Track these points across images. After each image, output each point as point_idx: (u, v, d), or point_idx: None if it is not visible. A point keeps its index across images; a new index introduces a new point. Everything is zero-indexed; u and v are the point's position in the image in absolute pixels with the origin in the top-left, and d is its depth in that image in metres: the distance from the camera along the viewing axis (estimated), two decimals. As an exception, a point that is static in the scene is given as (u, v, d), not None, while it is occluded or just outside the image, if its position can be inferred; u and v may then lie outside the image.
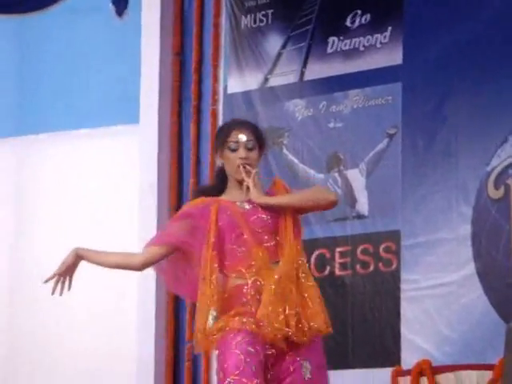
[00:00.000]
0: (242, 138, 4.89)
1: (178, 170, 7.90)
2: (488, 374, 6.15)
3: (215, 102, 7.54)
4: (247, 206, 4.88)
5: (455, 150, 6.64)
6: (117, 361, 8.25)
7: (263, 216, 4.89)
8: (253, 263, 4.72)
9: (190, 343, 7.63)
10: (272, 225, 4.91)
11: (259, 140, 4.93)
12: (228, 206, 4.79)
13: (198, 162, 7.77)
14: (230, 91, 7.55)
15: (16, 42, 9.09)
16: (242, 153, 4.81)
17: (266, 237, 4.81)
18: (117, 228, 8.07)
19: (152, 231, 7.30)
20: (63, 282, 4.91)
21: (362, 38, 7.10)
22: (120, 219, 8.11)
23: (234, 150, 4.81)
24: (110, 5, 7.41)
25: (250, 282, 4.72)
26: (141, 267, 4.90)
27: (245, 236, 4.79)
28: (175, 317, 7.86)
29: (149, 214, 7.80)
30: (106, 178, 7.84)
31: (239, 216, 4.84)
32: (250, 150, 4.88)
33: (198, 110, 7.59)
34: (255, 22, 7.57)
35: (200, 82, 7.64)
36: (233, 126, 4.92)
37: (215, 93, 7.56)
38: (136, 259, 4.93)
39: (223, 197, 4.84)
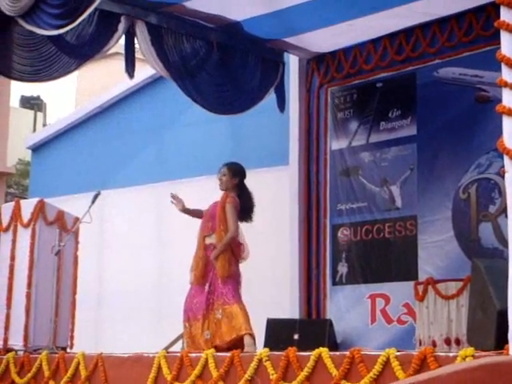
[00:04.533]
0: (219, 172, 6.18)
1: (308, 192, 8.11)
2: (460, 284, 6.45)
3: (326, 154, 8.09)
4: None
5: (444, 174, 7.26)
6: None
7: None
8: None
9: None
10: None
11: (230, 170, 6.14)
12: None
13: (318, 187, 8.14)
14: (333, 148, 8.12)
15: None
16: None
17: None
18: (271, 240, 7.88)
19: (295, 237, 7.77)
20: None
21: (396, 122, 7.69)
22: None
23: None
24: (277, 107, 7.87)
25: None
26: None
27: None
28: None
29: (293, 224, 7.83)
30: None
31: None
32: (222, 177, 6.13)
33: (318, 159, 8.13)
34: (344, 115, 8.12)
35: (318, 144, 8.18)
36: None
37: (326, 149, 8.12)
38: None
39: None
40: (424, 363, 3.84)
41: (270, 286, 7.93)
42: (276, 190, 8.02)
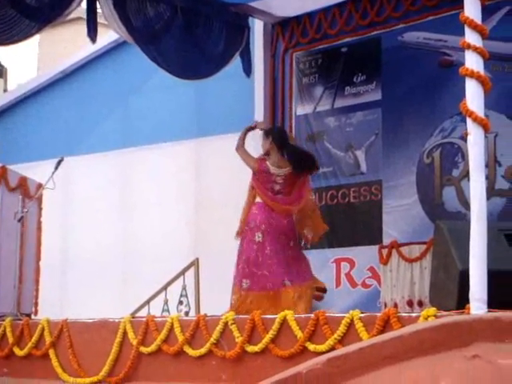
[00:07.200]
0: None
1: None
2: (424, 247, 6.70)
3: (291, 119, 8.18)
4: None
5: (409, 139, 7.39)
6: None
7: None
8: None
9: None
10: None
11: (268, 135, 5.92)
12: None
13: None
14: (298, 113, 8.22)
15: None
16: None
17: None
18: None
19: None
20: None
21: (361, 87, 7.78)
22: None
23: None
24: (242, 71, 7.81)
25: None
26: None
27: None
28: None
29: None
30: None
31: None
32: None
33: (283, 124, 8.11)
34: (309, 80, 8.20)
35: (283, 109, 8.24)
36: None
37: (291, 114, 8.20)
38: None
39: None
40: (387, 324, 3.88)
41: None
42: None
